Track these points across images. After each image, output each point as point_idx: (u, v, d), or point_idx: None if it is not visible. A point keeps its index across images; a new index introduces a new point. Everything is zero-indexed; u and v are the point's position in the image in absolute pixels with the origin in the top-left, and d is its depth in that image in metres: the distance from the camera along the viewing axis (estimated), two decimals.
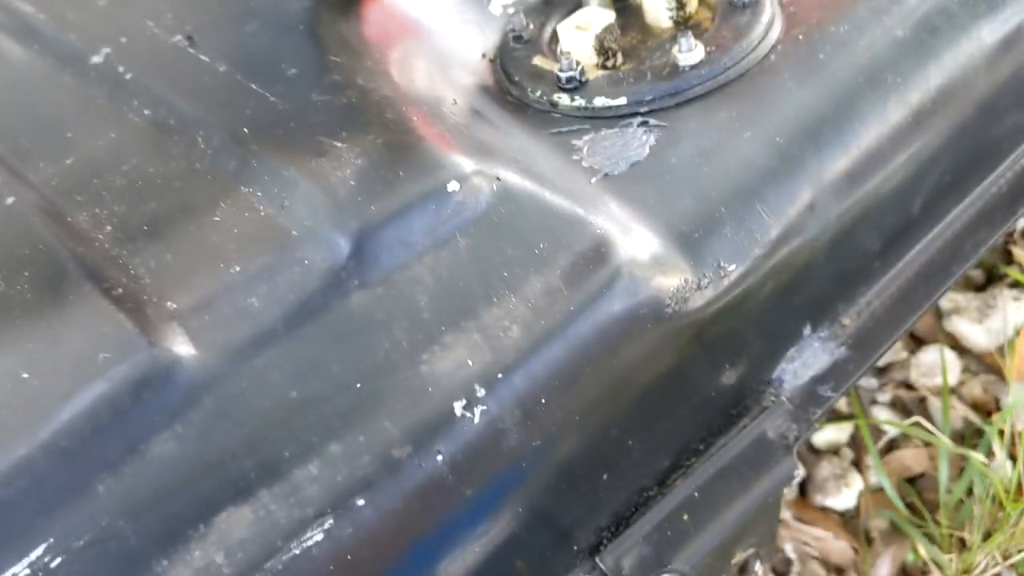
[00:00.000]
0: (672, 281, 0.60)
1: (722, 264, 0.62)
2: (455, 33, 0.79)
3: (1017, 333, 1.22)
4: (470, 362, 0.55)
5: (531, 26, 0.76)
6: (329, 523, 0.51)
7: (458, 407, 0.54)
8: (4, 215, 0.64)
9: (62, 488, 0.49)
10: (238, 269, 0.57)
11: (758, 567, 0.75)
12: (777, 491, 0.73)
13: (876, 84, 0.68)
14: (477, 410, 0.54)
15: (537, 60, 0.73)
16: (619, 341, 0.59)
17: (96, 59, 0.78)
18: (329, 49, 0.73)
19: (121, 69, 0.76)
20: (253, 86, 0.68)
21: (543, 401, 0.57)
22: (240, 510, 0.50)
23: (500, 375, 0.55)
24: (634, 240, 0.60)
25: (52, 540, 0.48)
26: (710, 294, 0.62)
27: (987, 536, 1.10)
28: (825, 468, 1.18)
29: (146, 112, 0.71)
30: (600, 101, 0.68)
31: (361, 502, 0.51)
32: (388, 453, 0.52)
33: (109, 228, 0.61)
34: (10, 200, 0.65)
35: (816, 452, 1.21)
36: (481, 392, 0.55)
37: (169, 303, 0.55)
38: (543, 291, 0.58)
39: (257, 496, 0.50)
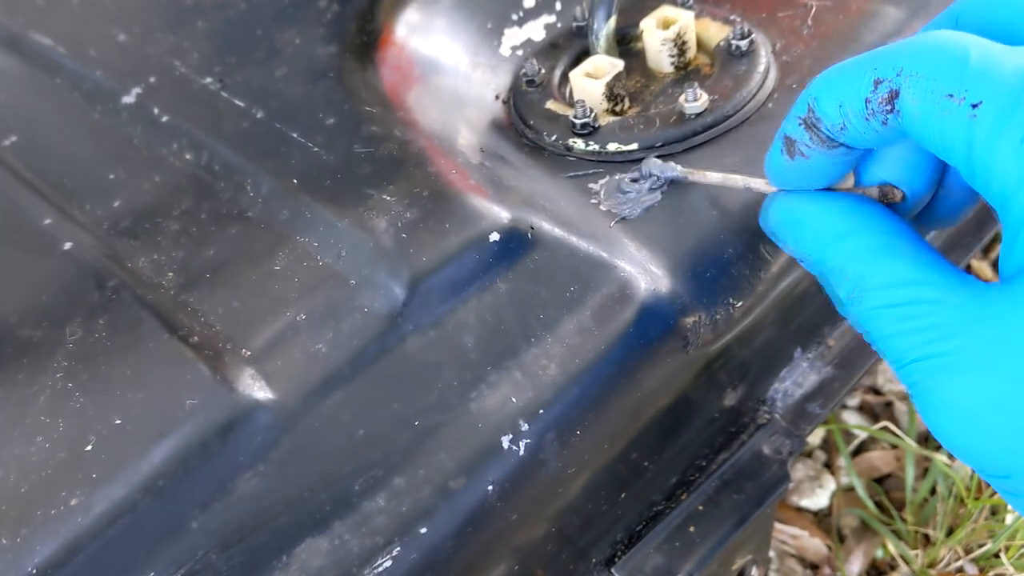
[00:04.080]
0: (688, 318, 0.65)
1: (731, 300, 0.67)
2: (469, 75, 0.84)
3: None
4: (514, 399, 0.60)
5: (542, 70, 0.81)
6: (397, 550, 0.55)
7: (505, 441, 0.59)
8: (67, 261, 0.68)
9: (160, 525, 0.54)
10: (304, 316, 0.61)
11: (755, 571, 0.81)
12: (772, 502, 0.79)
13: None
14: (522, 443, 0.59)
15: (550, 104, 0.78)
16: (642, 375, 0.64)
17: (127, 99, 0.81)
18: (360, 98, 0.77)
19: (156, 111, 0.79)
20: (294, 135, 0.72)
21: (578, 432, 0.62)
22: (318, 540, 0.55)
23: (541, 410, 0.60)
24: (653, 281, 0.66)
25: (152, 574, 0.53)
26: (721, 328, 0.67)
27: (950, 532, 1.17)
28: (800, 470, 1.24)
29: (188, 156, 0.74)
30: (613, 146, 0.73)
31: (424, 530, 0.56)
32: (446, 484, 0.57)
33: (171, 274, 0.65)
34: (68, 245, 0.69)
35: None
36: (525, 426, 0.59)
37: (244, 350, 0.60)
38: (576, 331, 0.62)
39: (332, 527, 0.55)
